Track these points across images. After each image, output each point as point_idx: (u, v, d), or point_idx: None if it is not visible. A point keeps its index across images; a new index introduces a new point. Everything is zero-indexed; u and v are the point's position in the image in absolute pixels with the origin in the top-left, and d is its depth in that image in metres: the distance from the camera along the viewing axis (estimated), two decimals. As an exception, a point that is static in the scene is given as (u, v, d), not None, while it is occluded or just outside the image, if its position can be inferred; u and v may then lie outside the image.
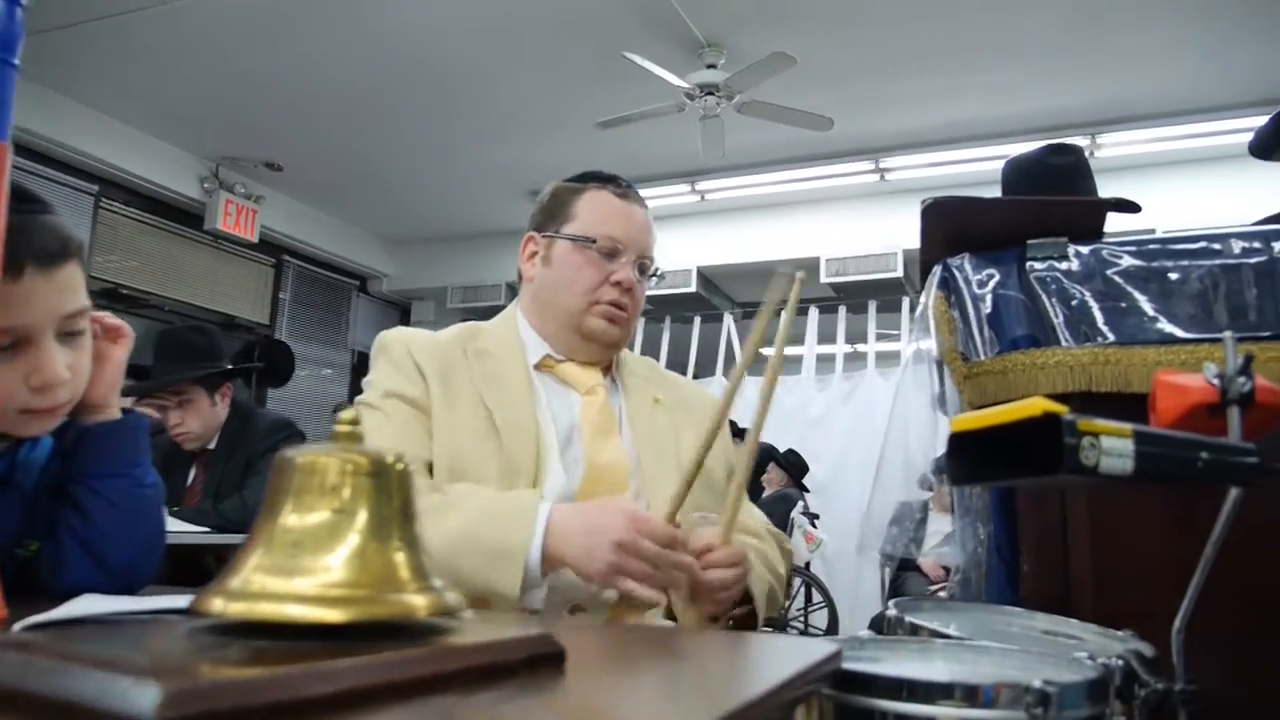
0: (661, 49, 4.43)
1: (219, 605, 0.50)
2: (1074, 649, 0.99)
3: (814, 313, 6.44)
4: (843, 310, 6.38)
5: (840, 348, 6.38)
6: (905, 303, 6.23)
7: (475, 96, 5.13)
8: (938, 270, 1.47)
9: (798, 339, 6.47)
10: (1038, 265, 1.40)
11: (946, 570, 3.98)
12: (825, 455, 5.85)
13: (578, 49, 4.58)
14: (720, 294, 7.26)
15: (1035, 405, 0.76)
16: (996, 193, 2.08)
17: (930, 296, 1.47)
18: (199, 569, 2.68)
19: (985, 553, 1.67)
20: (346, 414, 0.55)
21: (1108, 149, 5.30)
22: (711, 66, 4.52)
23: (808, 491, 5.55)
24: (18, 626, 0.56)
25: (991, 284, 1.42)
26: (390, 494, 0.55)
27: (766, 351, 1.41)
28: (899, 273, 6.05)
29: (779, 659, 0.77)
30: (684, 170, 6.02)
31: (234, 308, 6.66)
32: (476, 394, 1.29)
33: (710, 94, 4.51)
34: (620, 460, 1.31)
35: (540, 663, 0.56)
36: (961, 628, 1.12)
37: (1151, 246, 1.37)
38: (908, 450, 1.85)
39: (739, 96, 4.54)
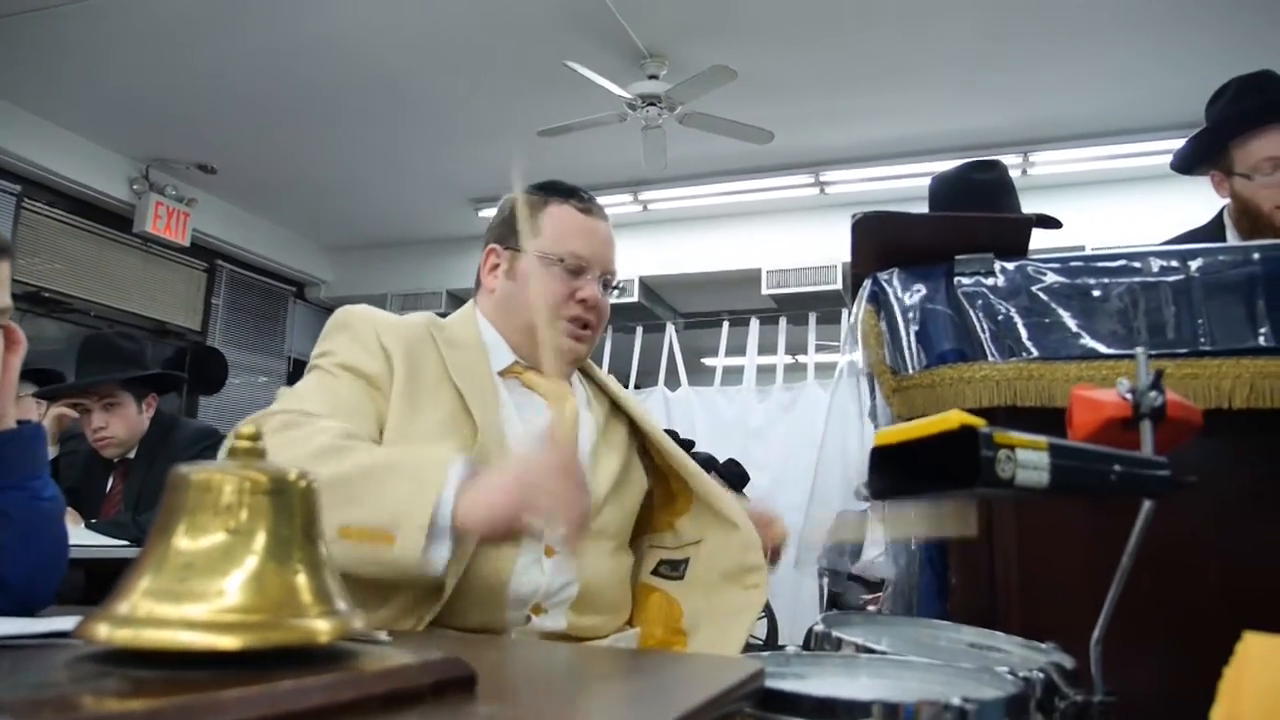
0: (603, 59, 4.43)
1: (104, 632, 0.47)
2: (998, 662, 1.00)
3: (755, 324, 6.49)
4: (783, 322, 6.44)
5: (781, 359, 6.43)
6: (845, 315, 6.31)
7: (416, 102, 5.07)
8: (868, 284, 1.48)
9: (739, 349, 6.52)
10: (965, 280, 1.42)
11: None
12: (766, 465, 5.89)
13: (520, 57, 4.56)
14: (663, 304, 7.28)
15: (953, 418, 0.76)
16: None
17: (860, 310, 1.48)
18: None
19: (917, 566, 1.68)
20: (245, 428, 0.53)
21: (1040, 167, 5.43)
22: (653, 77, 4.54)
23: (749, 501, 5.58)
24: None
25: (920, 298, 1.43)
26: (291, 513, 0.52)
27: (709, 362, 1.46)
28: (839, 285, 6.13)
29: (701, 679, 0.76)
30: (626, 180, 6.02)
31: (165, 313, 6.48)
32: (447, 379, 1.28)
33: (652, 104, 4.52)
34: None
35: (449, 688, 0.53)
36: (890, 642, 1.13)
37: (1074, 264, 1.39)
38: (844, 463, 1.87)
39: (680, 108, 4.56)
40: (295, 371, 7.38)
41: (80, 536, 2.49)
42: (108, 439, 2.81)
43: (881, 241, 1.52)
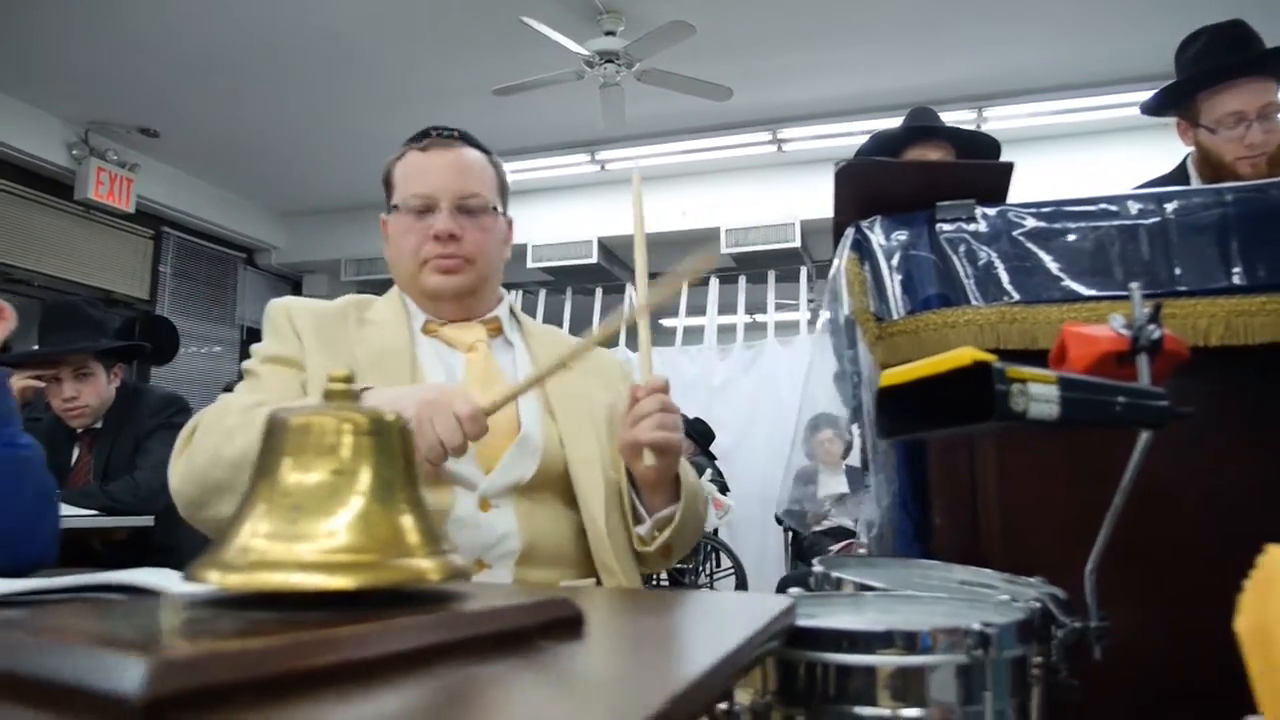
0: (559, 15, 4.37)
1: (215, 577, 0.47)
2: (992, 596, 1.04)
3: (714, 283, 6.50)
4: (743, 280, 6.47)
5: (741, 318, 6.47)
6: (804, 272, 6.36)
7: (367, 61, 4.97)
8: (850, 233, 1.50)
9: (699, 309, 6.54)
10: (947, 227, 1.45)
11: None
12: (729, 423, 5.94)
13: (473, 13, 4.48)
14: (621, 264, 7.26)
15: (965, 355, 0.78)
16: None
17: (843, 259, 1.50)
18: (86, 553, 2.56)
19: (890, 509, 1.72)
20: (337, 371, 0.53)
21: (995, 121, 5.49)
22: (610, 33, 4.50)
23: (715, 459, 5.63)
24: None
25: (903, 245, 1.46)
26: (392, 454, 0.53)
27: (669, 323, 1.43)
28: (797, 243, 6.18)
29: (744, 614, 0.79)
30: (584, 140, 5.98)
31: (110, 282, 6.31)
32: (354, 356, 1.31)
33: (609, 61, 4.49)
34: (508, 410, 1.29)
35: (557, 628, 0.54)
36: (884, 581, 1.17)
37: (1053, 209, 1.43)
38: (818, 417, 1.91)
39: (638, 64, 4.53)
40: (248, 339, 7.26)
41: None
42: (80, 409, 2.76)
43: (864, 190, 1.54)
